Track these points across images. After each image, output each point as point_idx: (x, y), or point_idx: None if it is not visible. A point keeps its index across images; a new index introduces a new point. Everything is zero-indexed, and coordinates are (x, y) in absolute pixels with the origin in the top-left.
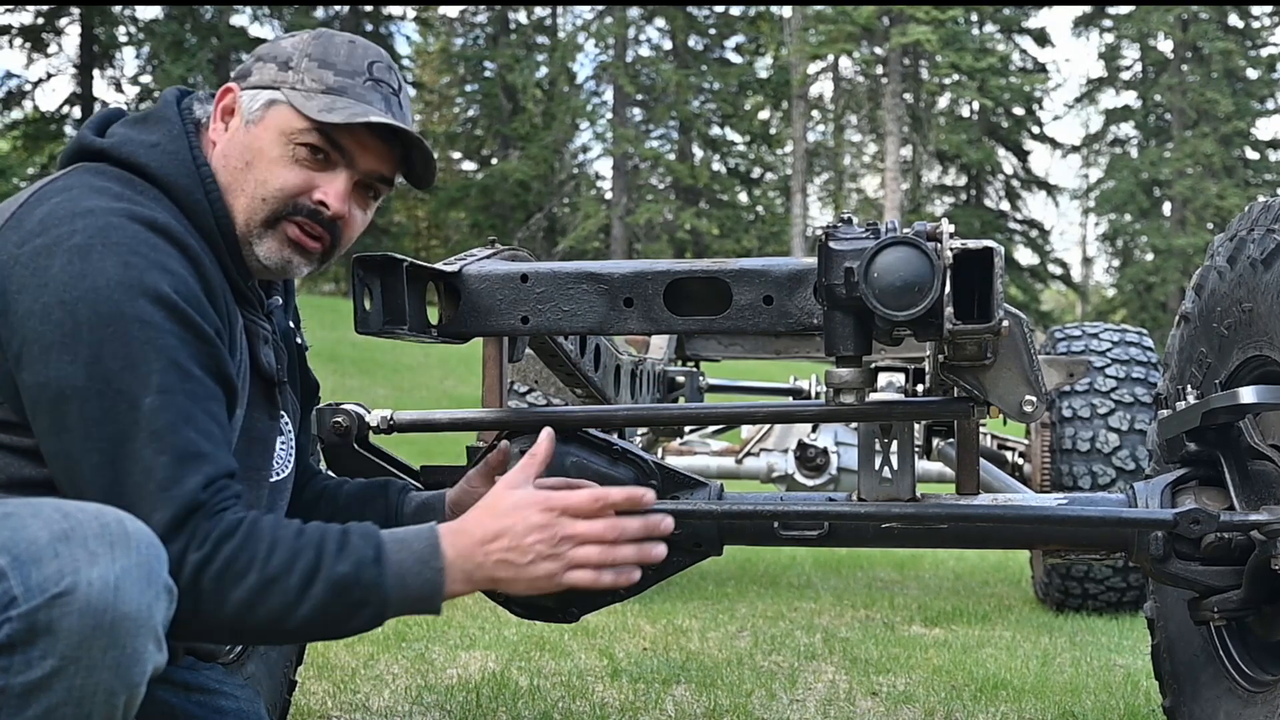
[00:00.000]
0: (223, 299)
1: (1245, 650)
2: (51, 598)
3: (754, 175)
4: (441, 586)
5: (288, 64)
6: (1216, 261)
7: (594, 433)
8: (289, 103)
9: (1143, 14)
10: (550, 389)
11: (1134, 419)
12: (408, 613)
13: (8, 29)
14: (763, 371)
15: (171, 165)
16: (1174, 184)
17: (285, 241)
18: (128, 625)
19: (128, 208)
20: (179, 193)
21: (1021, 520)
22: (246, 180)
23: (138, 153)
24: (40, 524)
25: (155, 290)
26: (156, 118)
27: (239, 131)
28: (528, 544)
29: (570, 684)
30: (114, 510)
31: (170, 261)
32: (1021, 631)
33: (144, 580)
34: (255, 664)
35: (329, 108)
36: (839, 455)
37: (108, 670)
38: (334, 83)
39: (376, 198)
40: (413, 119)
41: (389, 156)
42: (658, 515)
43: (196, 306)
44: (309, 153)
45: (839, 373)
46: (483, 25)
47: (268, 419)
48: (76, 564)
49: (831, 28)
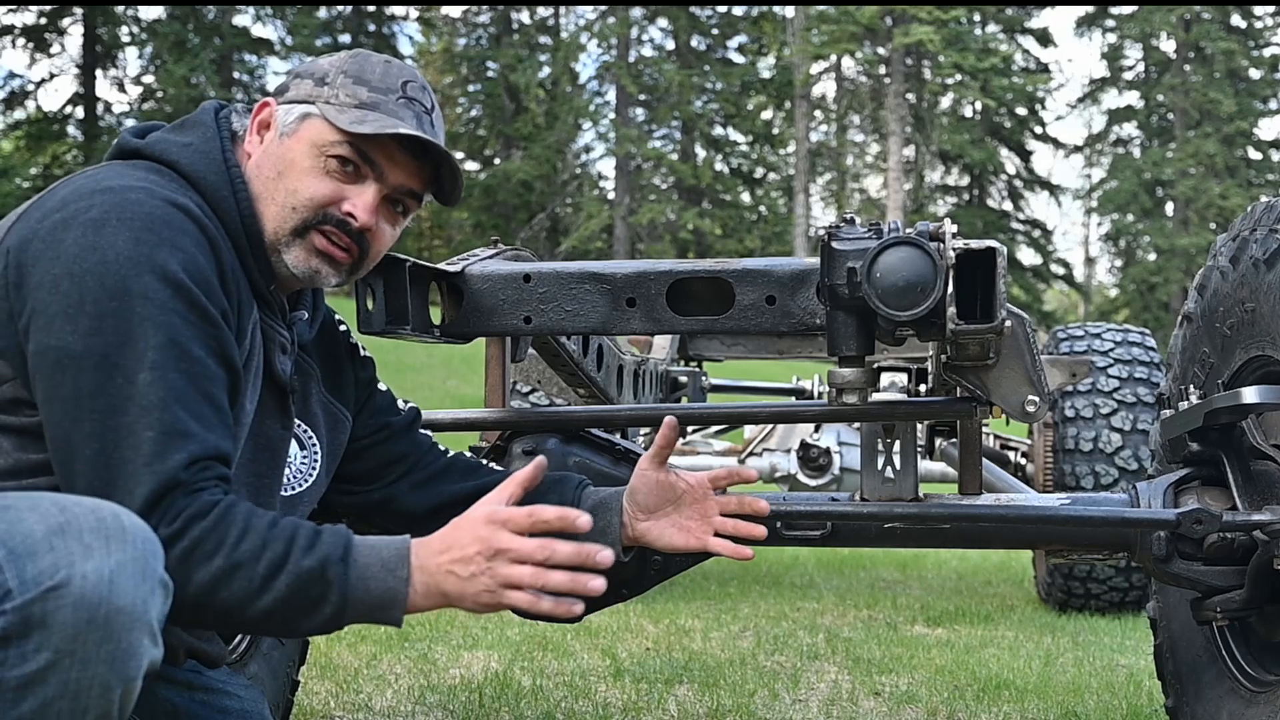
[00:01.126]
0: (235, 286)
1: (1248, 650)
2: (46, 591)
3: (757, 175)
4: (403, 596)
5: (323, 80)
6: (1219, 262)
7: (597, 433)
8: (322, 116)
9: (1145, 14)
10: (553, 389)
11: (1136, 419)
12: (367, 619)
13: (10, 29)
14: (765, 371)
15: (202, 163)
16: (1177, 184)
17: (313, 251)
18: (122, 619)
19: (148, 187)
20: (207, 188)
21: (1024, 520)
22: (278, 190)
23: (170, 150)
24: (36, 517)
25: (163, 267)
26: (193, 123)
27: (273, 143)
28: (469, 554)
29: (573, 684)
30: (110, 505)
31: (183, 239)
32: (1024, 631)
33: (139, 574)
34: (258, 664)
35: (360, 120)
36: (842, 455)
37: (103, 664)
38: (367, 98)
39: (406, 213)
40: (444, 138)
41: (419, 172)
42: (595, 546)
43: (204, 287)
44: (339, 164)
45: (842, 373)
46: (485, 25)
47: (279, 427)
48: (71, 557)
49: (834, 28)
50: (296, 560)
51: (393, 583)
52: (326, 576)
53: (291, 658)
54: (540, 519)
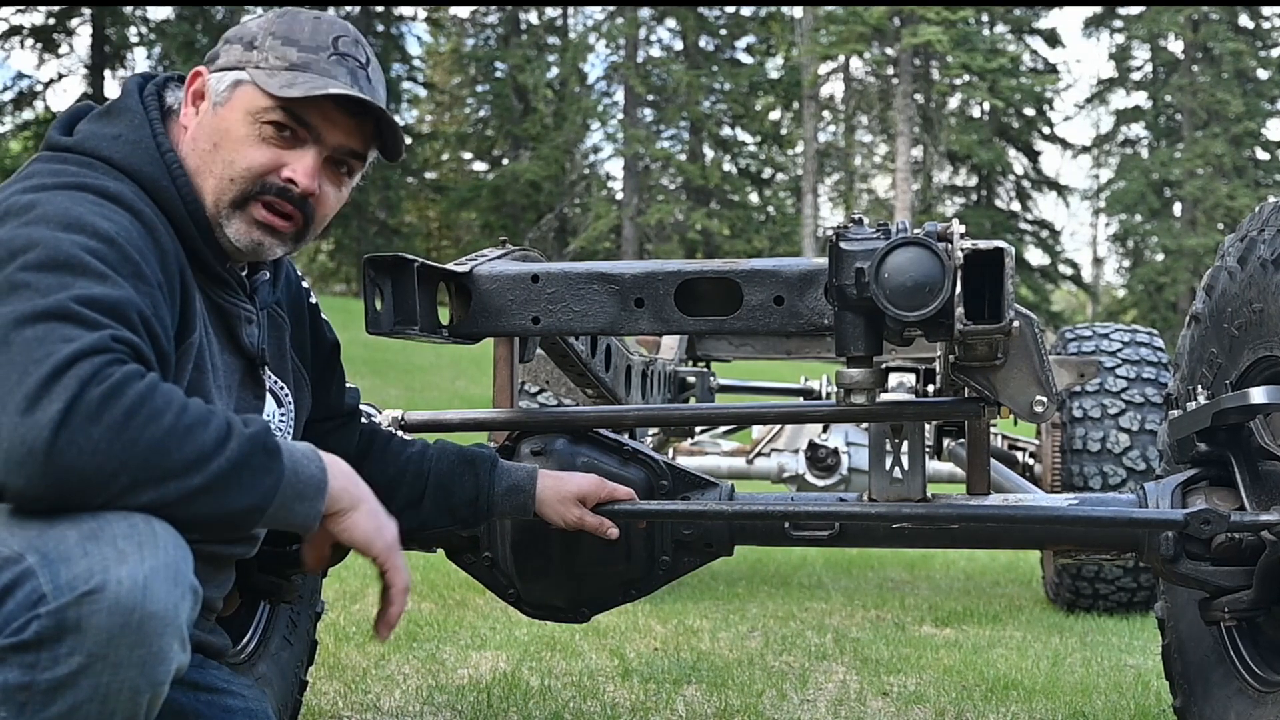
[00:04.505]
0: (176, 267)
1: (1256, 650)
2: (81, 595)
3: (765, 176)
4: (325, 484)
5: (252, 44)
6: (1227, 262)
7: (605, 433)
8: (253, 82)
9: (1153, 15)
10: (561, 389)
11: (1144, 419)
12: (289, 509)
13: (19, 29)
14: (773, 372)
15: (135, 155)
16: (1184, 184)
17: (254, 223)
18: (155, 624)
19: (77, 181)
20: (144, 179)
21: (1032, 521)
22: (215, 161)
23: (101, 146)
24: (68, 522)
25: (93, 226)
26: (118, 109)
27: (207, 114)
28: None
29: (581, 684)
30: (140, 513)
31: (116, 216)
32: (1032, 632)
33: (171, 580)
34: (266, 664)
35: (290, 83)
36: (850, 455)
37: (134, 668)
38: (297, 59)
39: (351, 174)
40: (385, 91)
41: (357, 130)
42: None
43: (140, 253)
44: (275, 130)
45: (850, 373)
46: (494, 26)
47: (253, 398)
48: (106, 562)
49: (842, 28)
50: (240, 428)
51: (316, 471)
52: (268, 445)
53: (299, 658)
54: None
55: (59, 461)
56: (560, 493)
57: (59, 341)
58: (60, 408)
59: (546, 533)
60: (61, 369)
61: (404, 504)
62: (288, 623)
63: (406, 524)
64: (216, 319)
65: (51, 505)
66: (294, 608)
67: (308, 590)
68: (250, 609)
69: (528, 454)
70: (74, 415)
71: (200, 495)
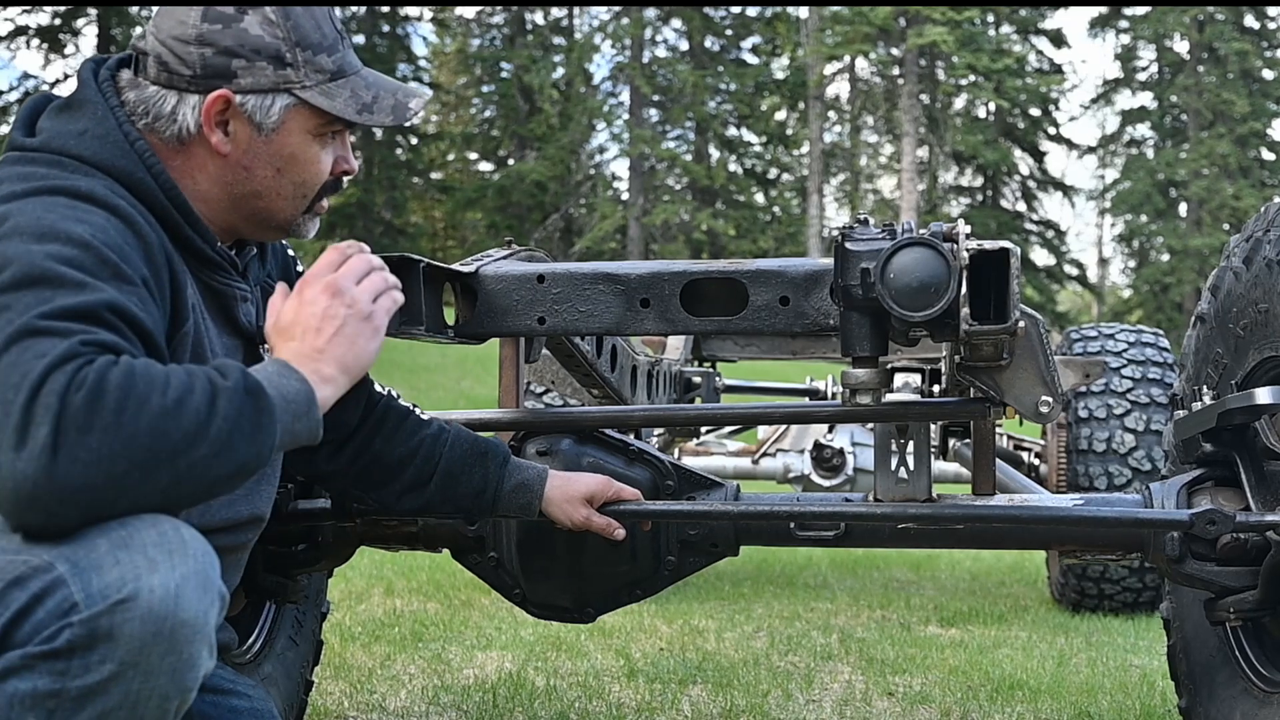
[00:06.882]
0: (163, 258)
1: (1261, 650)
2: (114, 604)
3: (770, 176)
4: (311, 390)
5: (281, 59)
6: (1232, 262)
7: (610, 433)
8: (307, 103)
9: (1159, 15)
10: (567, 389)
11: (1150, 420)
12: (297, 428)
13: (25, 30)
14: (779, 372)
15: (105, 149)
16: (1190, 185)
17: (317, 215)
18: (186, 631)
19: (48, 185)
20: (120, 174)
21: (1037, 521)
22: (282, 184)
23: (68, 145)
24: (97, 530)
25: (67, 233)
26: (78, 102)
27: (258, 142)
28: (325, 311)
29: (586, 684)
30: (169, 518)
31: (92, 217)
32: (1037, 632)
33: (201, 587)
34: (272, 664)
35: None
36: (855, 456)
37: (165, 675)
38: (331, 66)
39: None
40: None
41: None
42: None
43: (119, 253)
44: (331, 135)
45: (855, 373)
46: (499, 26)
47: None
48: (137, 570)
49: (848, 29)
50: (221, 381)
51: (296, 383)
52: (250, 387)
53: (305, 658)
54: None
55: (67, 484)
56: (568, 493)
57: (32, 360)
58: (48, 430)
59: (552, 533)
60: (37, 388)
61: (410, 484)
62: (293, 623)
63: (410, 504)
64: (211, 302)
65: (79, 524)
66: (299, 608)
67: (313, 590)
68: (256, 609)
69: (533, 454)
70: (64, 433)
71: (210, 460)
